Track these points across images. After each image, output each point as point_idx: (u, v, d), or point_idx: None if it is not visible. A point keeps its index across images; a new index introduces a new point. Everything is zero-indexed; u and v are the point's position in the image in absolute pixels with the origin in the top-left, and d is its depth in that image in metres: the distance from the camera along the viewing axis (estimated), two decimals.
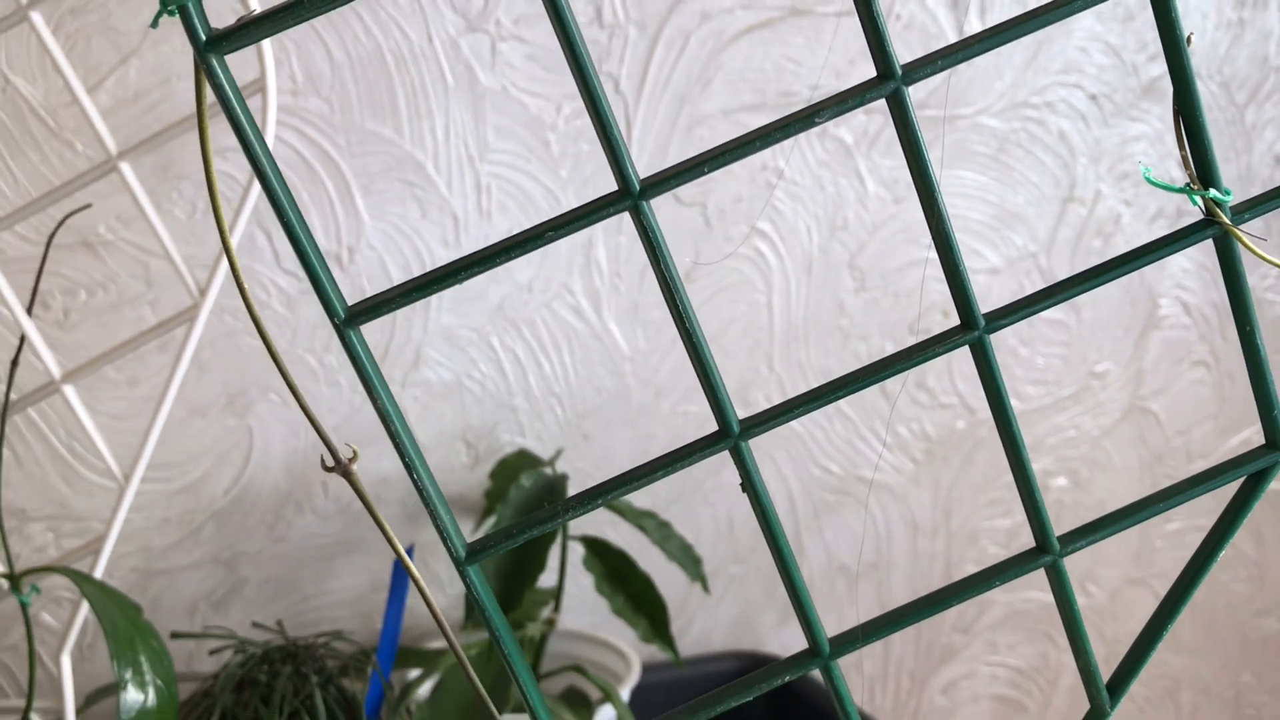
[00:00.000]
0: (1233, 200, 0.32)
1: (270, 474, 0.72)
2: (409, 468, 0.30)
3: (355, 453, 0.32)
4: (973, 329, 0.32)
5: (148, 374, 0.69)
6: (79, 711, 0.59)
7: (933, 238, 0.31)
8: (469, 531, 0.77)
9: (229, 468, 0.71)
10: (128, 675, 0.53)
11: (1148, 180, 0.31)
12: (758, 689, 0.34)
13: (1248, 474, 0.35)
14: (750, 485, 0.33)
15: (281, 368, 0.30)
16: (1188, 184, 0.32)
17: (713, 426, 0.31)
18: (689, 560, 0.68)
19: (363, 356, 0.29)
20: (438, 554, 0.77)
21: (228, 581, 0.72)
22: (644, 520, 0.67)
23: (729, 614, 0.87)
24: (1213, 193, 0.31)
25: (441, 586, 0.78)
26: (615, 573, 0.66)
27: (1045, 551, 0.35)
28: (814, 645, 0.35)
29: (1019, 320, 0.31)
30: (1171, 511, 1.01)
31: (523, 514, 0.62)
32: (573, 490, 0.71)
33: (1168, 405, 1.00)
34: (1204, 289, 0.99)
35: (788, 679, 0.35)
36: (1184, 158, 0.32)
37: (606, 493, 0.31)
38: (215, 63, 0.26)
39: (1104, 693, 0.37)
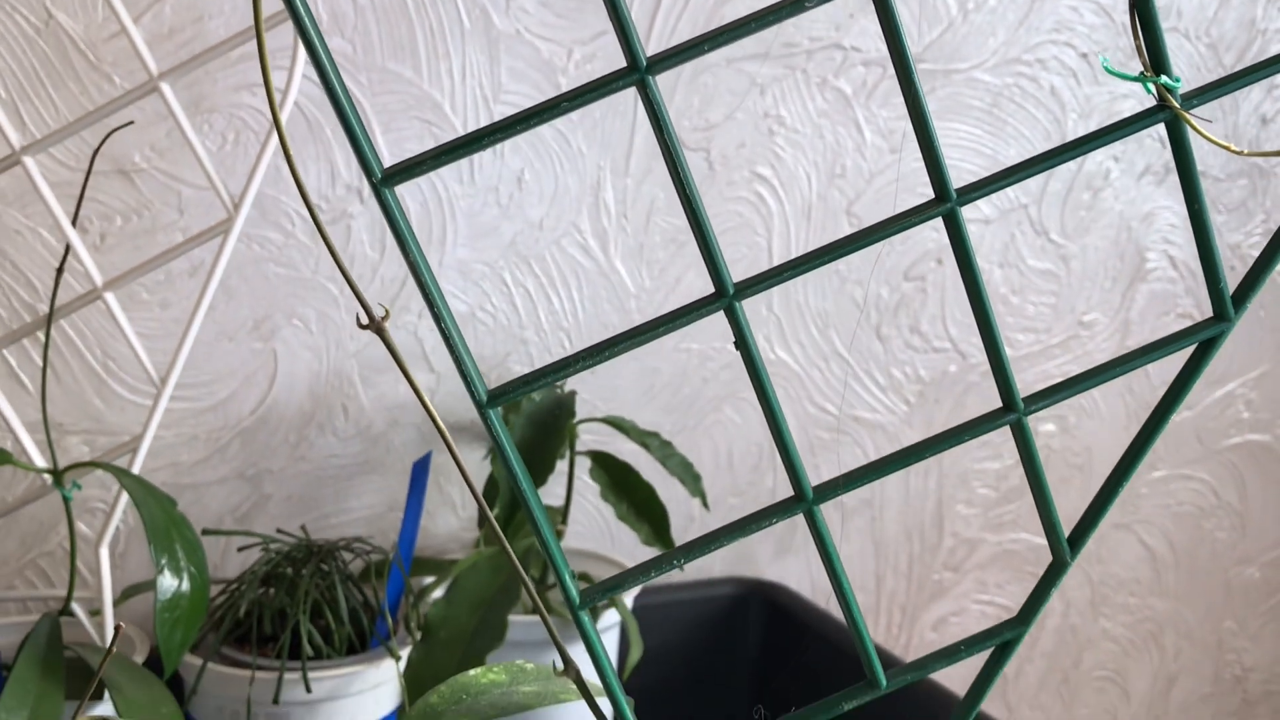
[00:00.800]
0: (1183, 88, 0.35)
1: (294, 396, 0.76)
2: (436, 317, 0.34)
3: (387, 311, 0.36)
4: (946, 201, 0.35)
5: (178, 298, 0.72)
6: (116, 603, 0.63)
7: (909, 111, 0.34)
8: (479, 457, 0.80)
9: (254, 389, 0.75)
10: (164, 561, 0.56)
11: (1106, 70, 0.35)
12: (744, 531, 0.38)
13: (1198, 342, 0.39)
14: (743, 344, 0.37)
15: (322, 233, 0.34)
16: (1142, 73, 0.35)
17: (716, 357, 0.34)
18: (689, 477, 0.72)
19: (397, 214, 0.33)
20: (451, 477, 0.81)
21: (252, 497, 0.76)
22: (647, 439, 0.71)
23: (727, 545, 0.91)
24: (1164, 79, 0.35)
25: (454, 509, 0.82)
26: (619, 482, 0.70)
27: (1011, 410, 0.38)
28: (799, 490, 0.38)
29: (988, 190, 0.34)
30: (1156, 460, 1.05)
31: (534, 424, 0.66)
32: (581, 413, 0.74)
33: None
34: (1190, 244, 1.02)
35: (774, 521, 0.39)
36: (1138, 47, 0.35)
37: (613, 346, 0.35)
38: None
39: (1065, 544, 0.40)
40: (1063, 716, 1.07)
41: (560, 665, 0.38)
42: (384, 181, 0.32)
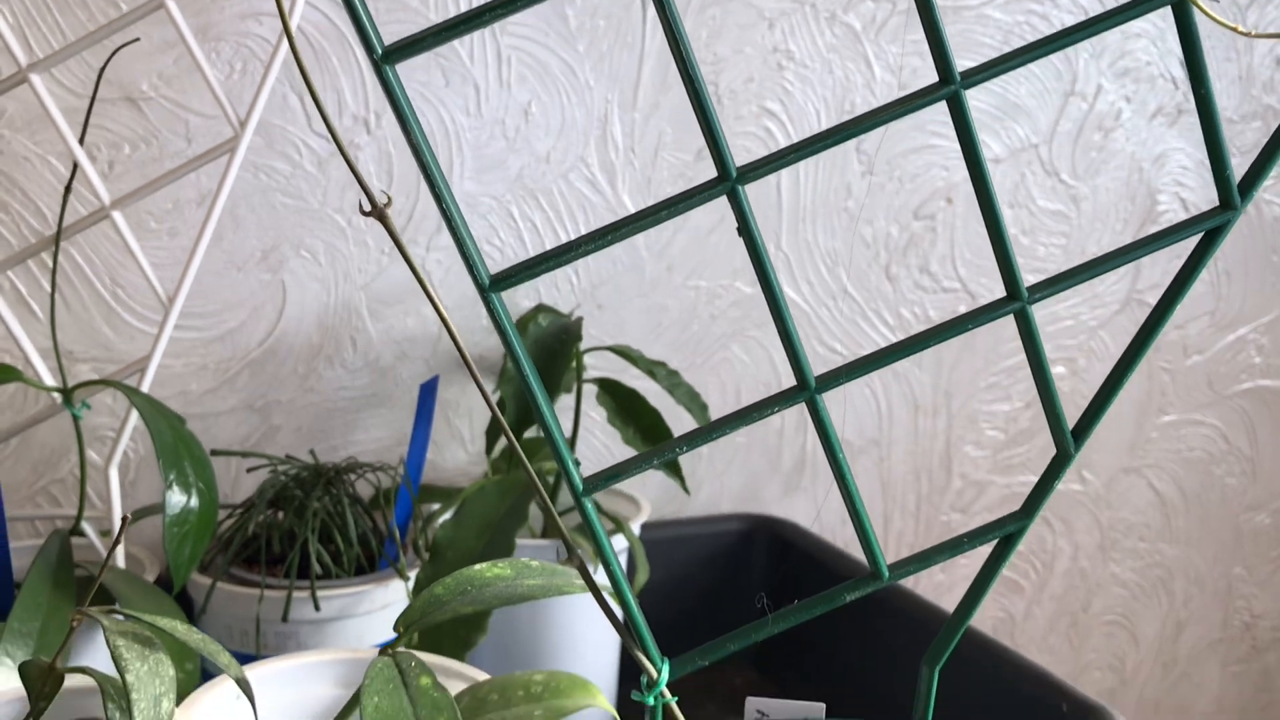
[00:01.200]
0: None
1: (303, 327, 0.76)
2: (437, 197, 0.34)
3: (389, 198, 0.36)
4: (950, 83, 0.34)
5: (186, 226, 0.72)
6: (125, 525, 0.63)
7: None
8: (489, 387, 0.81)
9: (263, 320, 0.75)
10: (172, 476, 0.57)
11: None
12: (747, 418, 0.38)
13: (1205, 230, 0.39)
14: (746, 230, 0.36)
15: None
16: None
17: (724, 294, 0.34)
18: (696, 406, 0.72)
19: (398, 93, 0.32)
20: (459, 410, 0.81)
21: (261, 428, 0.76)
22: (654, 368, 0.71)
23: (735, 482, 0.91)
24: None
25: (463, 444, 0.82)
26: (626, 408, 0.70)
27: (1015, 299, 0.38)
28: (802, 380, 0.38)
29: (992, 73, 0.34)
30: (1166, 404, 1.05)
31: (541, 348, 0.66)
32: (587, 343, 0.74)
33: None
34: (1202, 186, 1.02)
35: (777, 409, 0.38)
36: None
37: (616, 230, 0.35)
38: None
39: (1069, 435, 0.40)
40: (1071, 660, 1.07)
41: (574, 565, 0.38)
42: (385, 58, 0.32)
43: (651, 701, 0.39)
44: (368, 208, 0.36)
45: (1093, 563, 1.06)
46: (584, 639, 0.68)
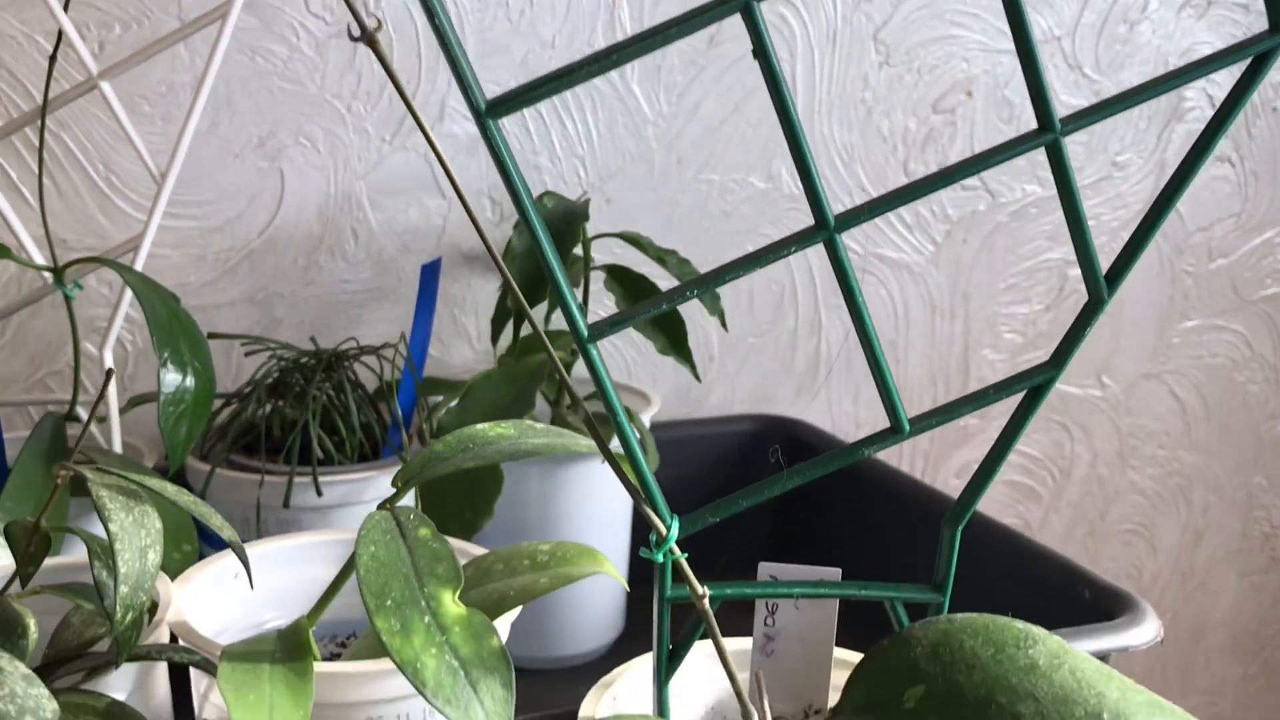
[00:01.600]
0: None
1: (303, 217, 0.74)
2: (430, 12, 0.32)
3: (380, 22, 0.34)
4: None
5: (180, 111, 0.70)
6: (122, 411, 0.62)
7: None
8: (493, 288, 0.79)
9: (262, 210, 0.73)
10: (167, 354, 0.55)
11: None
12: (761, 260, 0.36)
13: (1253, 56, 0.36)
14: (762, 51, 0.34)
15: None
16: None
17: (737, 190, 0.31)
18: (708, 295, 0.70)
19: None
20: (465, 306, 0.79)
21: (262, 322, 0.75)
22: (665, 255, 0.69)
23: (747, 383, 0.89)
24: None
25: (469, 341, 0.80)
26: (635, 293, 0.68)
27: (1048, 130, 0.36)
28: (821, 219, 0.36)
29: None
30: (1189, 309, 1.02)
31: (545, 228, 0.64)
32: (594, 230, 0.72)
33: (1189, 200, 1.00)
34: (1231, 82, 0.98)
35: (794, 250, 0.36)
36: None
37: (622, 49, 0.33)
38: None
39: (1101, 280, 0.38)
40: (1088, 568, 1.06)
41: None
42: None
43: (661, 559, 0.37)
44: (356, 33, 0.34)
45: (1111, 470, 1.04)
46: (593, 520, 0.66)
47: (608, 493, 0.67)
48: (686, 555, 0.38)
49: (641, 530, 0.68)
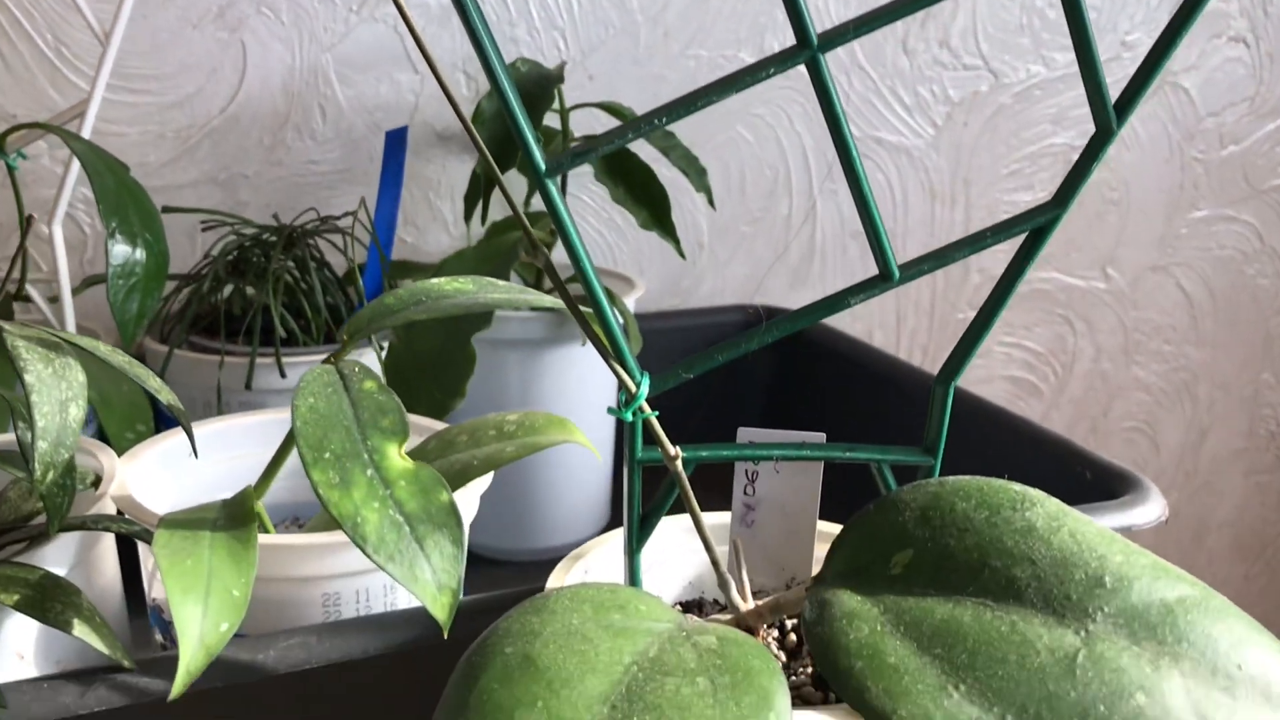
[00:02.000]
0: None
1: (267, 92, 0.70)
2: None
3: None
4: None
5: None
6: (75, 292, 0.58)
7: None
8: (469, 169, 0.75)
9: (223, 85, 0.70)
10: (115, 224, 0.52)
11: None
12: (740, 84, 0.32)
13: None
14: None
15: None
16: None
17: (726, 65, 0.28)
18: (694, 170, 0.66)
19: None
20: (439, 189, 0.75)
21: (226, 203, 0.71)
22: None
23: (739, 273, 0.86)
24: None
25: (445, 226, 0.77)
26: (616, 165, 0.64)
27: None
28: (804, 38, 0.33)
29: None
30: (1198, 198, 0.99)
31: (517, 93, 0.60)
32: (570, 100, 0.68)
33: (1201, 83, 0.96)
34: None
35: (773, 72, 0.33)
36: None
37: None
38: None
39: (1110, 109, 0.35)
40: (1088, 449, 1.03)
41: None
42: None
43: (630, 418, 0.34)
44: None
45: (1115, 365, 1.01)
46: (574, 410, 0.63)
47: (588, 379, 0.65)
48: (657, 413, 0.35)
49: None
